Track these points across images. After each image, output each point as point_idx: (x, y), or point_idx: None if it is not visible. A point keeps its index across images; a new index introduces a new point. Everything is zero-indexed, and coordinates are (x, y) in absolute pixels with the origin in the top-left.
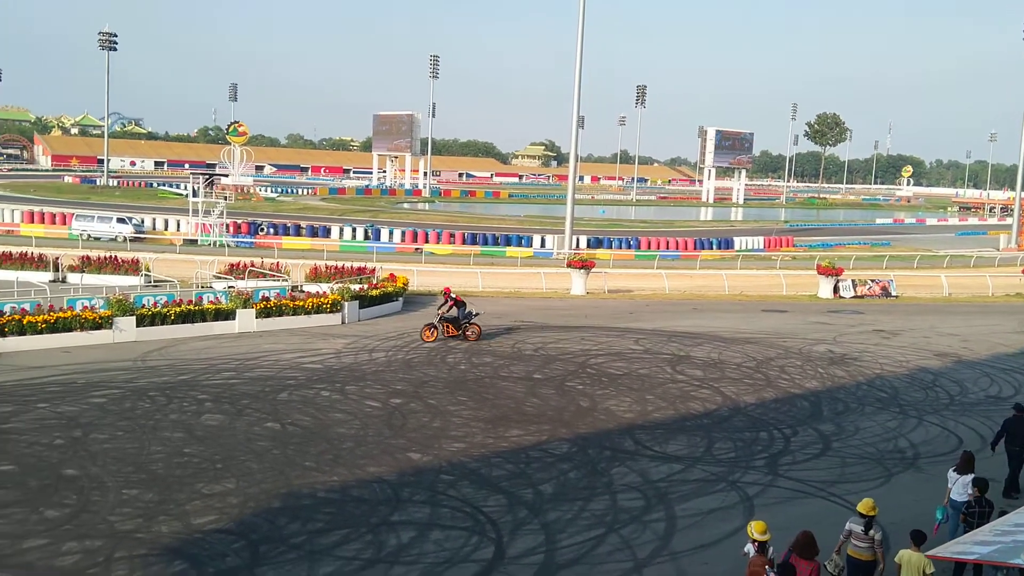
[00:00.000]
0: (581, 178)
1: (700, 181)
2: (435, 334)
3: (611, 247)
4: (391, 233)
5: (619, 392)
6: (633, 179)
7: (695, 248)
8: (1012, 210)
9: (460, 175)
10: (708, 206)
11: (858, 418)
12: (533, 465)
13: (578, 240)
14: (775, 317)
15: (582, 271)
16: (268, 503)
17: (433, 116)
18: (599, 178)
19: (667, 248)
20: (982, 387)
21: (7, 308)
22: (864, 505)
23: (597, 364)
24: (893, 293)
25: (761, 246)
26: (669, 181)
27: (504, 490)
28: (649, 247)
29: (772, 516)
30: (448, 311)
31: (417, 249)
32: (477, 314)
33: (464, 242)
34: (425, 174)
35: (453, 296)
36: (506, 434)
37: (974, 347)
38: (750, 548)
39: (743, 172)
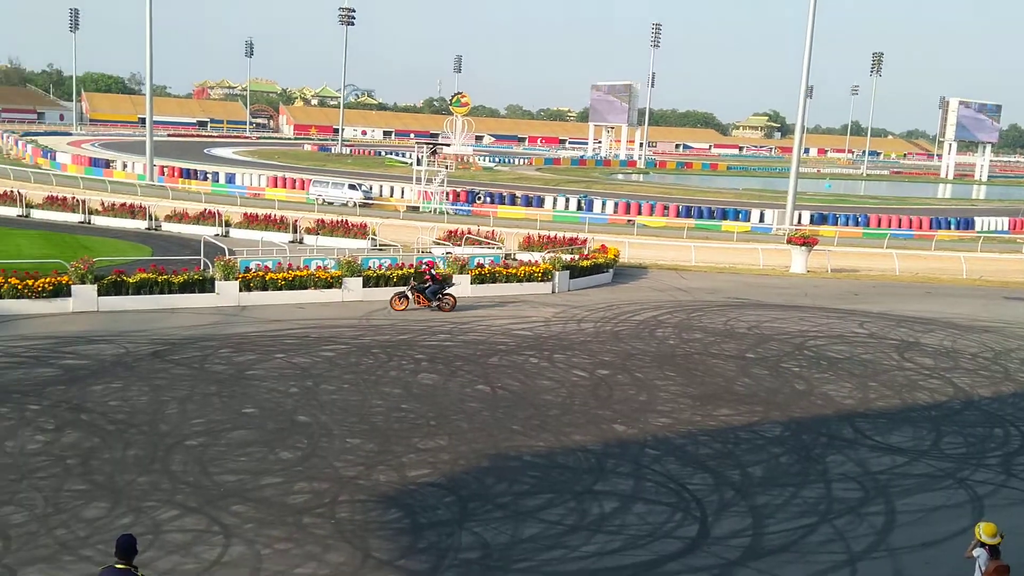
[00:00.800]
0: (806, 150)
1: (939, 156)
2: (405, 304)
3: (836, 224)
4: (604, 204)
5: (839, 377)
6: (864, 152)
7: (930, 227)
8: None
9: (677, 146)
10: (947, 183)
11: None
12: (742, 446)
13: (800, 215)
14: (1019, 305)
15: (803, 248)
16: (477, 462)
17: (652, 86)
18: (826, 151)
19: (899, 227)
20: None
21: (252, 265)
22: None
23: (816, 346)
24: None
25: (1005, 227)
26: (904, 155)
27: (711, 469)
28: (879, 225)
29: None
30: (424, 285)
31: (629, 221)
32: (453, 284)
33: (678, 215)
34: (641, 145)
35: (433, 273)
36: (714, 412)
37: None
38: (980, 552)
39: (988, 147)
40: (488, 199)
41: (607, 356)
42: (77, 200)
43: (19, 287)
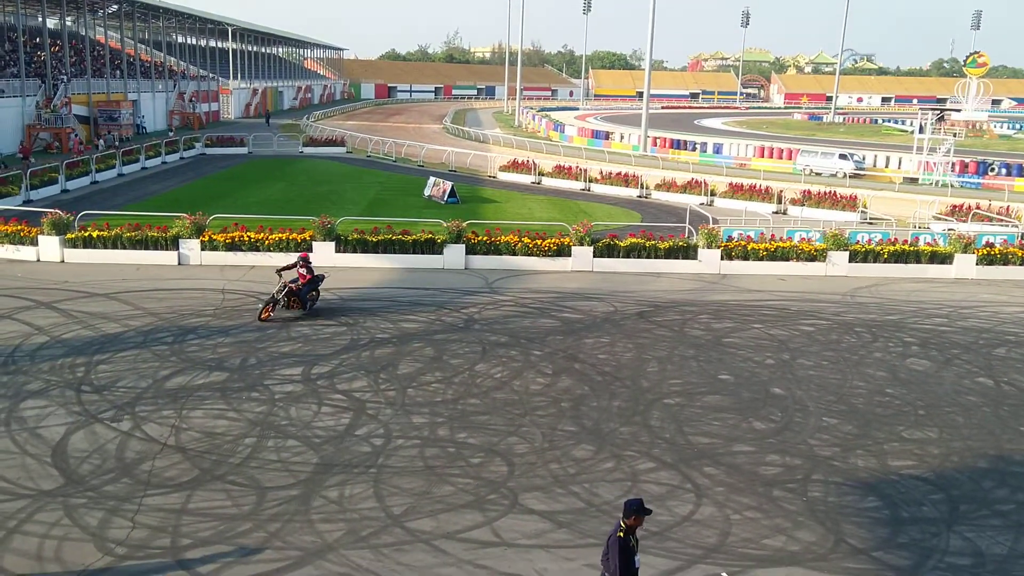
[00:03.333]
0: None
1: None
2: (270, 311)
3: None
4: None
5: None
6: None
7: None
8: None
9: None
10: None
11: None
12: None
13: None
14: None
15: None
16: (973, 462)
17: None
18: None
19: None
20: None
21: (735, 234)
22: None
23: None
24: None
25: None
26: None
27: None
28: None
29: None
30: (295, 283)
31: None
32: (323, 277)
33: None
34: None
35: (311, 264)
36: None
37: None
38: None
39: None
40: (1004, 170)
41: None
42: (579, 169)
43: (530, 246)
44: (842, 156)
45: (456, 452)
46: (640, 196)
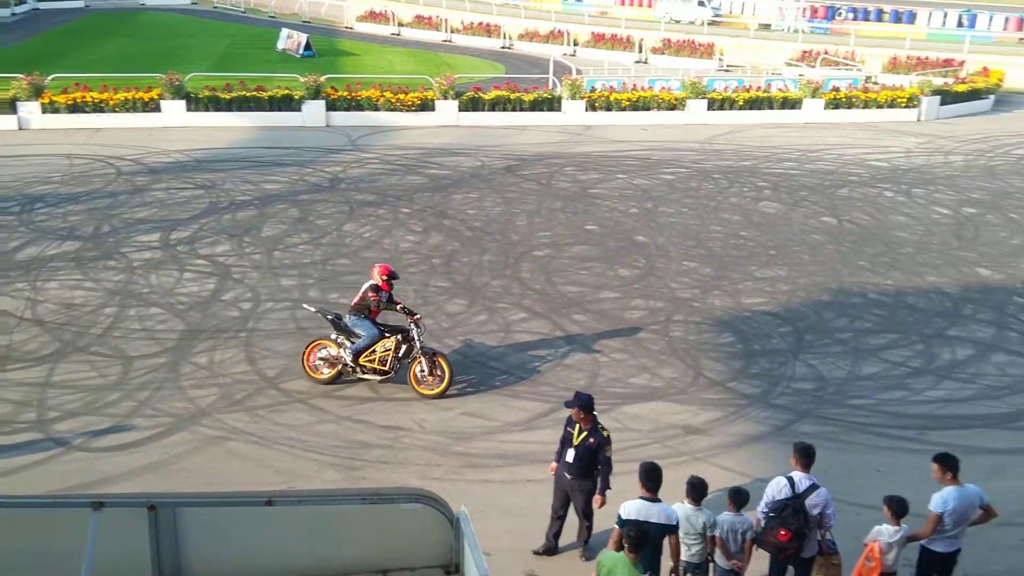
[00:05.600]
0: None
1: None
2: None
3: None
4: (991, 19)
5: None
6: None
7: None
8: None
9: None
10: None
11: None
12: None
13: None
14: None
15: None
16: (817, 295)
17: None
18: None
19: None
20: None
21: (598, 85)
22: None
23: None
24: None
25: None
26: None
27: None
28: None
29: None
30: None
31: (1022, 39)
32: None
33: None
34: None
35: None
36: None
37: None
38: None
39: None
40: (851, 15)
41: (976, 193)
42: (440, 19)
43: (393, 101)
44: (700, 3)
45: None
46: (503, 47)
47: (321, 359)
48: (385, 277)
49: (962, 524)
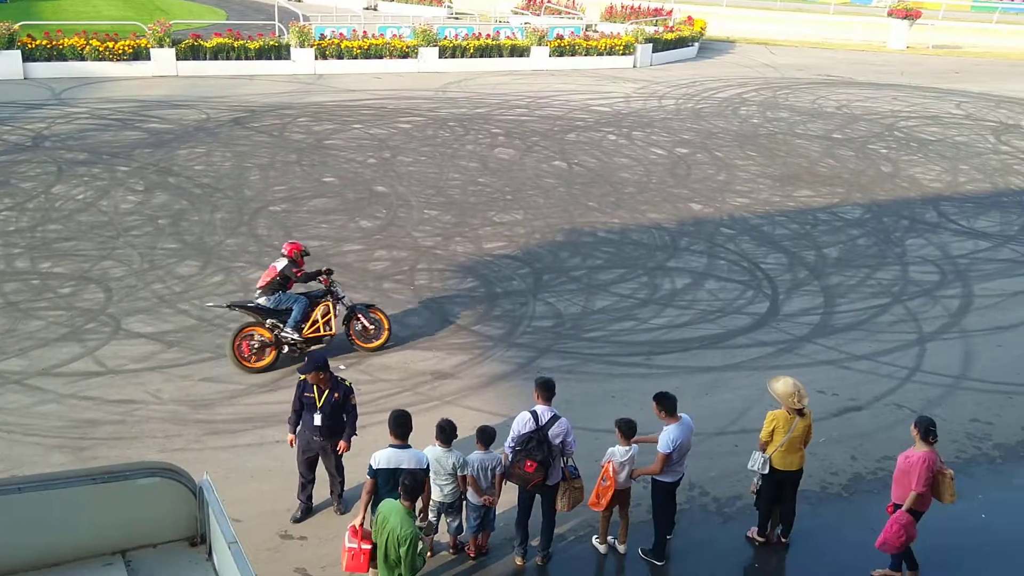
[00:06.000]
0: None
1: None
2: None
3: None
4: None
5: (928, 159)
6: None
7: None
8: None
9: None
10: None
11: None
12: (820, 227)
13: None
14: None
15: (904, 21)
16: (552, 237)
17: None
18: None
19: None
20: None
21: (327, 32)
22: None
23: (907, 127)
24: None
25: None
26: None
27: (786, 249)
28: None
29: None
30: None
31: None
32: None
33: None
34: None
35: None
36: (794, 194)
37: None
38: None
39: None
40: None
41: (687, 134)
42: None
43: (100, 49)
44: None
45: (41, 283)
46: None
47: (258, 346)
48: (298, 253)
49: (684, 454)
